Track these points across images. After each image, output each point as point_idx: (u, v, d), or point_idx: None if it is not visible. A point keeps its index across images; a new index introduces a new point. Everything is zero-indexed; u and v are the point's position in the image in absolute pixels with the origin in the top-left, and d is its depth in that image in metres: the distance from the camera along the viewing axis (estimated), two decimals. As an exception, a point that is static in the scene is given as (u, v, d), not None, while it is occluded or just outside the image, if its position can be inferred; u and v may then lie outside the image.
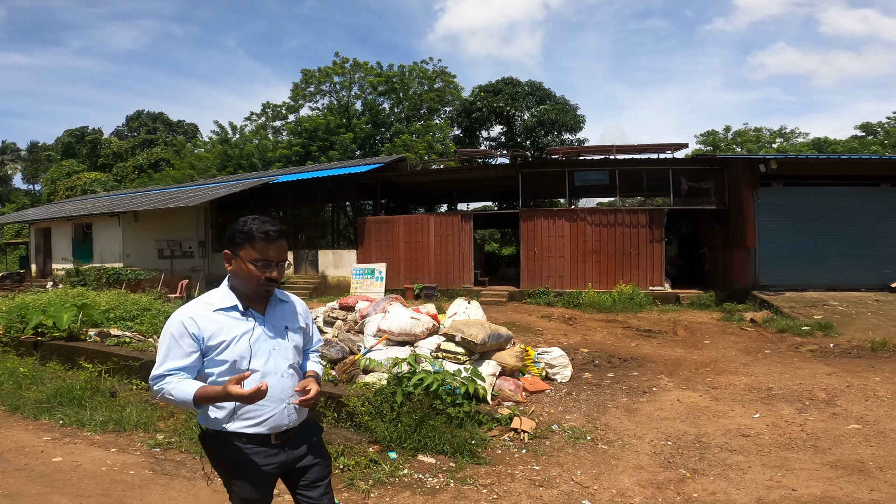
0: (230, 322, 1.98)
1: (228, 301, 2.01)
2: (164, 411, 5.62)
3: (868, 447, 4.32)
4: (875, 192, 13.17)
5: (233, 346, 1.96)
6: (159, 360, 1.94)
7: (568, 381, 7.03)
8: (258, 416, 1.98)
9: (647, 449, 4.54)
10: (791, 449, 4.36)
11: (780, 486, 3.65)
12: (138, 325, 9.47)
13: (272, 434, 2.02)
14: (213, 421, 2.00)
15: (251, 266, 1.95)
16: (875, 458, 4.07)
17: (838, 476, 3.79)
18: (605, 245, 15.39)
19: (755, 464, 4.08)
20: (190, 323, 1.93)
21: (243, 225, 1.97)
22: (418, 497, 3.83)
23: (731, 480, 3.81)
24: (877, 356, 7.92)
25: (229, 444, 1.99)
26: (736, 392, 6.16)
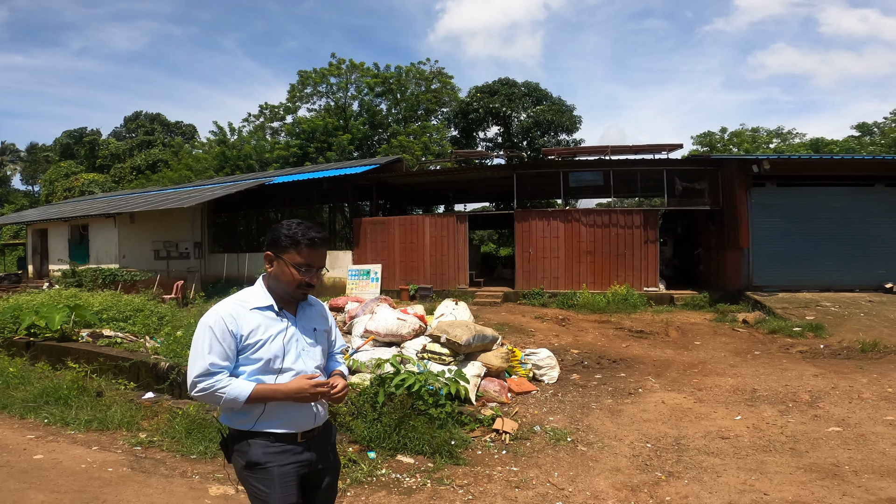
0: (266, 321, 2.01)
1: (265, 300, 2.03)
2: (147, 410, 5.66)
3: (846, 450, 4.31)
4: (869, 193, 13.14)
5: (268, 345, 1.98)
6: (200, 356, 1.92)
7: (555, 383, 7.04)
8: (285, 418, 2.00)
9: (625, 451, 4.55)
10: (768, 452, 4.36)
11: (753, 490, 3.65)
12: (131, 325, 9.52)
13: (298, 433, 2.03)
14: (241, 421, 1.99)
15: (294, 270, 1.99)
16: (851, 462, 4.06)
17: (812, 480, 3.78)
18: (600, 246, 15.37)
19: (731, 467, 4.08)
20: (230, 320, 1.95)
21: (289, 229, 2.00)
22: (394, 496, 3.85)
23: (704, 484, 3.81)
24: (866, 357, 7.91)
25: (256, 444, 1.98)
26: (721, 393, 6.16)
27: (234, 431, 2.03)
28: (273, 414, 1.98)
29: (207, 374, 1.90)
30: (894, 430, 4.70)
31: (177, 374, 6.00)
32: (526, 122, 27.49)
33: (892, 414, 5.13)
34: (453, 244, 16.92)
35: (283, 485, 1.98)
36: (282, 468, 1.98)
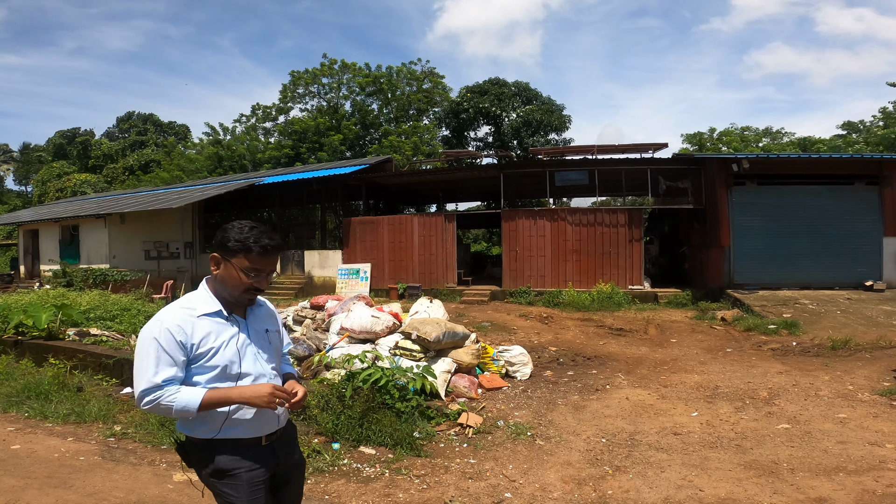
0: (216, 327, 1.94)
1: (212, 306, 1.97)
2: (125, 405, 5.84)
3: (789, 448, 4.43)
4: (849, 191, 13.31)
5: (222, 352, 1.93)
6: (146, 370, 1.83)
7: (527, 379, 7.18)
8: (251, 423, 1.96)
9: (581, 445, 4.70)
10: (715, 448, 4.48)
11: (690, 486, 3.77)
12: (118, 324, 9.68)
13: (263, 436, 2.00)
14: (203, 429, 1.94)
15: (242, 274, 1.92)
16: (791, 460, 4.18)
17: (749, 477, 3.89)
18: (586, 244, 15.52)
19: (676, 463, 4.21)
20: (177, 330, 1.86)
21: (240, 233, 1.92)
22: (352, 485, 4.02)
23: (647, 479, 3.94)
24: (836, 355, 8.05)
25: (221, 451, 1.94)
26: (684, 390, 6.31)
27: (195, 440, 1.97)
28: (237, 420, 1.94)
29: (155, 387, 1.82)
30: (842, 428, 4.82)
31: None
32: (516, 122, 27.63)
33: (844, 412, 5.27)
34: (441, 243, 17.06)
35: (252, 489, 1.95)
36: (249, 473, 1.95)
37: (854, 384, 6.25)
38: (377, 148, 26.86)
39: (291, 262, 19.10)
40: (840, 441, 4.50)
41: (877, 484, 3.66)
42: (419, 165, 23.10)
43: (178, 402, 1.82)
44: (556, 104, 28.00)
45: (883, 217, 13.08)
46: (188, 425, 1.96)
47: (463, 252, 21.10)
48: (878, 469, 3.91)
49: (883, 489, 3.58)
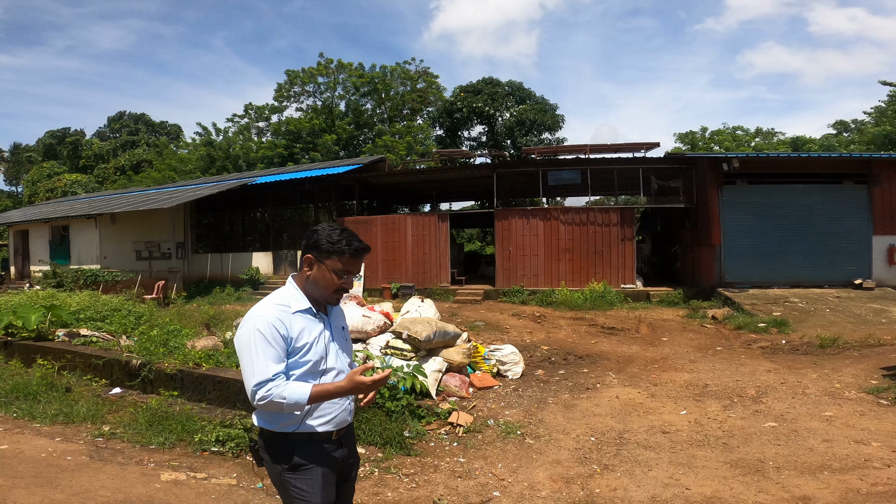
0: (308, 323, 2.02)
1: (304, 303, 2.04)
2: (114, 405, 5.82)
3: (775, 446, 4.46)
4: (838, 190, 13.41)
5: (314, 347, 2.01)
6: (256, 364, 1.89)
7: (519, 378, 7.21)
8: (328, 413, 2.03)
9: (570, 444, 4.72)
10: (702, 446, 4.51)
11: (677, 485, 3.79)
12: (108, 325, 9.65)
13: (335, 431, 2.07)
14: (285, 422, 1.99)
15: (334, 276, 2.00)
16: (777, 458, 4.20)
17: (734, 475, 3.92)
18: (578, 243, 15.55)
19: (663, 461, 4.23)
20: (279, 325, 1.94)
21: (330, 236, 2.00)
22: None
23: (634, 477, 3.97)
24: (824, 353, 8.12)
25: (300, 445, 2.00)
26: (673, 389, 6.35)
27: (272, 433, 2.02)
28: (315, 413, 2.01)
29: (267, 380, 1.88)
30: (828, 426, 4.86)
31: (148, 370, 6.17)
32: (509, 122, 27.67)
33: (831, 410, 5.32)
34: (435, 243, 17.06)
35: (326, 483, 2.02)
36: (323, 467, 2.02)
37: (841, 382, 6.31)
38: (371, 148, 26.83)
39: (285, 261, 19.04)
40: (826, 439, 4.53)
41: (861, 482, 3.69)
42: (413, 165, 23.09)
43: (290, 396, 1.87)
44: (549, 104, 28.10)
45: (872, 215, 13.19)
46: (269, 419, 2.00)
47: (457, 251, 21.12)
48: (863, 467, 3.94)
49: (868, 488, 3.60)
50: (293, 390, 1.88)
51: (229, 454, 4.57)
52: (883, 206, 13.19)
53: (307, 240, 2.07)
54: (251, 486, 3.99)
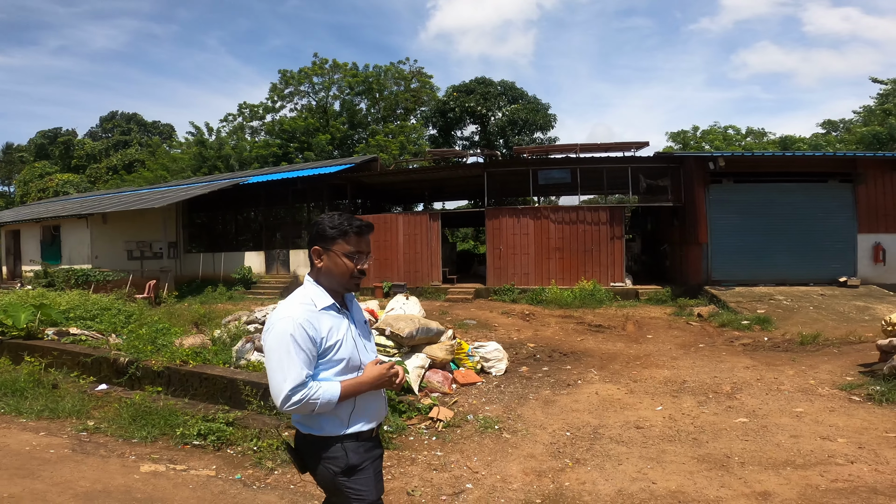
0: (335, 321, 1.98)
1: (328, 300, 1.99)
2: (99, 401, 5.91)
3: (743, 441, 4.53)
4: (823, 188, 13.56)
5: (345, 345, 1.97)
6: (288, 369, 1.84)
7: (503, 375, 7.30)
8: (370, 411, 2.03)
9: (546, 438, 4.81)
10: (673, 441, 4.58)
11: (644, 479, 3.87)
12: (98, 324, 9.77)
13: (374, 427, 2.07)
14: (332, 426, 1.96)
15: (346, 260, 1.97)
16: (743, 453, 4.27)
17: (700, 470, 4.00)
18: (568, 242, 15.67)
19: (634, 456, 4.31)
20: (309, 326, 1.89)
21: (331, 221, 1.99)
22: None
23: (604, 471, 4.04)
24: (804, 350, 8.22)
25: (350, 446, 1.96)
26: (652, 385, 6.45)
27: (319, 438, 1.97)
28: (361, 413, 1.99)
29: (301, 384, 1.84)
30: (798, 423, 4.95)
31: (136, 368, 6.30)
32: (501, 121, 27.78)
33: (802, 406, 5.41)
34: (426, 242, 17.15)
35: (378, 480, 2.04)
36: (374, 463, 2.03)
37: (816, 379, 6.41)
38: (364, 147, 26.90)
39: (277, 261, 19.10)
40: (793, 435, 4.61)
41: (822, 479, 3.76)
42: (405, 165, 23.18)
43: (322, 396, 1.85)
44: (541, 103, 28.23)
45: (857, 214, 13.36)
46: (314, 423, 1.97)
47: (449, 250, 21.21)
48: (825, 464, 4.02)
49: (827, 484, 3.67)
50: (325, 391, 1.86)
51: (210, 447, 4.67)
52: (868, 204, 13.35)
53: (310, 233, 2.05)
54: (229, 478, 4.08)
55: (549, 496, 3.69)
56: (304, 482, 4.05)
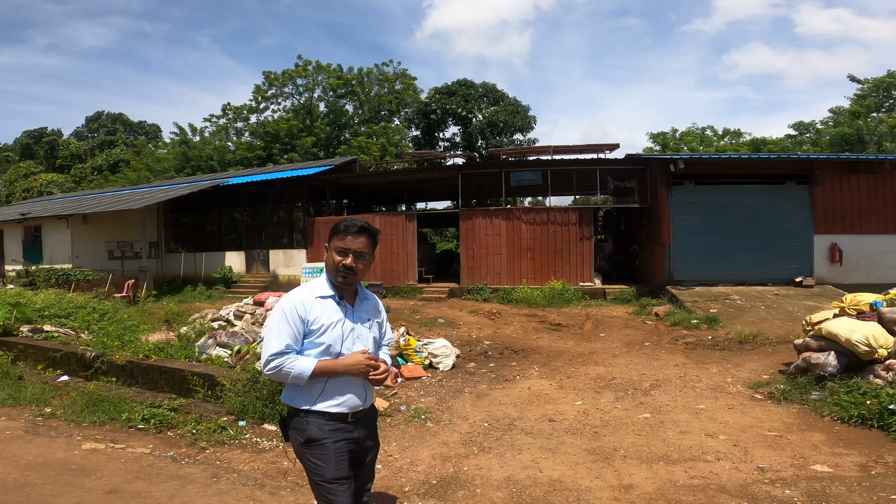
0: (329, 309, 2.26)
1: (328, 290, 2.29)
2: (58, 391, 6.36)
3: (636, 436, 4.78)
4: (781, 190, 13.96)
5: (330, 331, 2.23)
6: (274, 338, 2.18)
7: (449, 370, 7.66)
8: (341, 396, 2.25)
9: (464, 428, 5.17)
10: (575, 434, 4.87)
11: (534, 467, 4.16)
12: (72, 322, 10.15)
13: (350, 413, 2.28)
14: (301, 400, 2.24)
15: (334, 254, 2.27)
16: (630, 448, 4.51)
17: (585, 462, 4.26)
18: (539, 243, 16.03)
19: (535, 446, 4.61)
20: (300, 306, 2.20)
21: (341, 222, 2.31)
22: (247, 454, 4.57)
23: (503, 459, 4.36)
24: (741, 348, 8.53)
25: (314, 422, 2.22)
26: (582, 381, 6.79)
27: (292, 409, 2.28)
28: (330, 394, 2.23)
29: (280, 353, 2.15)
30: (694, 419, 5.21)
31: (101, 362, 6.77)
32: (481, 123, 28.17)
33: (706, 403, 5.70)
34: (402, 242, 17.49)
35: (337, 459, 2.23)
36: (335, 444, 2.23)
37: (734, 377, 6.73)
38: (345, 149, 27.22)
39: (257, 261, 19.43)
40: (683, 431, 4.86)
41: (684, 474, 3.96)
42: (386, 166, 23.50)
43: (295, 368, 2.15)
44: (521, 105, 28.62)
45: (814, 215, 13.76)
46: (290, 395, 2.28)
47: (428, 250, 21.57)
48: (694, 460, 4.22)
49: (686, 480, 3.87)
50: (298, 364, 2.15)
51: (153, 430, 5.13)
52: (824, 205, 13.76)
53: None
54: (162, 455, 4.51)
55: (446, 478, 4.06)
56: (230, 459, 4.46)
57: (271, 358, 2.16)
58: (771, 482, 3.73)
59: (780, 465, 4.03)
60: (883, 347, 5.31)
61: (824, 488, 3.62)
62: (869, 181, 13.76)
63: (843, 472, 3.90)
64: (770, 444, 4.47)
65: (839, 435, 4.59)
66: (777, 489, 3.63)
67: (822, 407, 5.16)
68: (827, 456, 4.18)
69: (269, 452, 4.59)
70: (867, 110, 21.99)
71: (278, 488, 3.92)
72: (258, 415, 5.23)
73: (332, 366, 2.21)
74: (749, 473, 3.92)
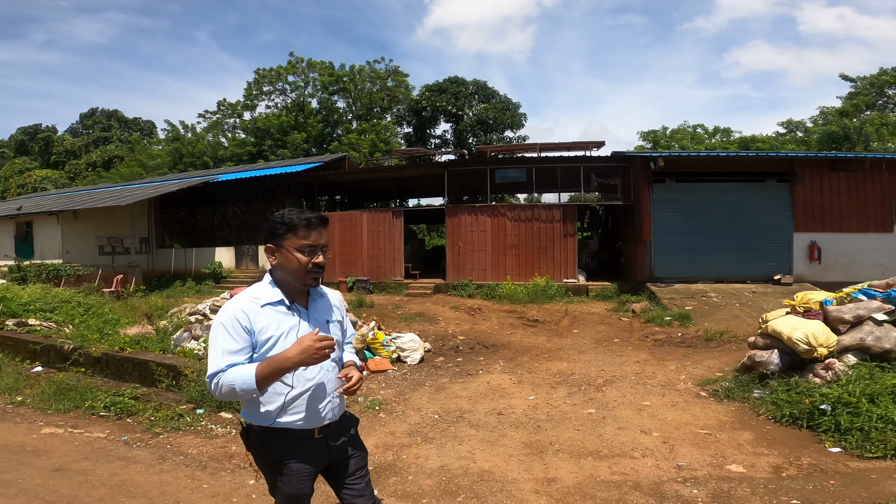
0: (278, 317, 1.98)
1: (275, 295, 2.00)
2: (32, 381, 6.62)
3: (575, 431, 4.85)
4: (761, 188, 14.06)
5: (282, 342, 1.95)
6: (215, 355, 1.91)
7: (417, 364, 7.83)
8: (302, 410, 2.00)
9: (414, 419, 5.32)
10: (518, 428, 4.96)
11: (469, 458, 4.27)
12: (56, 316, 10.42)
13: (315, 429, 2.05)
14: (262, 416, 1.99)
15: (298, 254, 1.96)
16: (565, 442, 4.59)
17: (519, 455, 4.33)
18: (524, 239, 16.18)
19: (476, 438, 4.72)
20: (242, 317, 1.93)
21: (282, 217, 1.99)
22: (199, 440, 4.78)
23: (443, 449, 4.48)
24: (707, 346, 8.60)
25: (275, 440, 2.00)
26: (542, 376, 6.91)
27: (253, 427, 2.04)
28: (292, 408, 1.99)
29: (220, 370, 1.88)
30: (636, 415, 5.27)
31: (78, 354, 7.08)
32: (471, 121, 28.30)
33: (651, 399, 5.76)
34: (389, 238, 17.65)
35: (299, 479, 2.04)
36: (298, 465, 2.03)
37: (689, 373, 6.80)
38: (336, 146, 27.39)
39: (247, 256, 19.62)
40: (621, 427, 4.91)
41: (607, 470, 4.02)
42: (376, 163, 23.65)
43: (236, 380, 1.85)
44: (511, 102, 28.75)
45: (794, 213, 13.87)
46: (250, 411, 2.04)
47: (416, 246, 21.72)
48: (622, 456, 4.28)
49: (607, 475, 3.94)
50: (237, 373, 1.86)
51: (113, 417, 5.37)
52: (804, 203, 13.87)
53: (263, 233, 2.07)
54: (116, 439, 4.75)
55: (383, 465, 4.22)
56: (181, 444, 4.68)
57: (210, 377, 1.91)
58: (684, 481, 3.79)
59: (699, 464, 4.07)
60: (823, 346, 5.39)
61: (730, 490, 3.64)
62: (849, 179, 13.86)
63: (755, 473, 3.92)
64: (698, 442, 4.52)
65: (767, 434, 4.63)
66: (686, 488, 3.68)
67: (759, 405, 5.21)
68: (747, 456, 4.21)
69: (221, 438, 4.80)
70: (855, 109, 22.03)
71: (219, 469, 4.11)
72: (216, 403, 5.44)
73: (279, 362, 1.88)
74: (667, 471, 3.97)
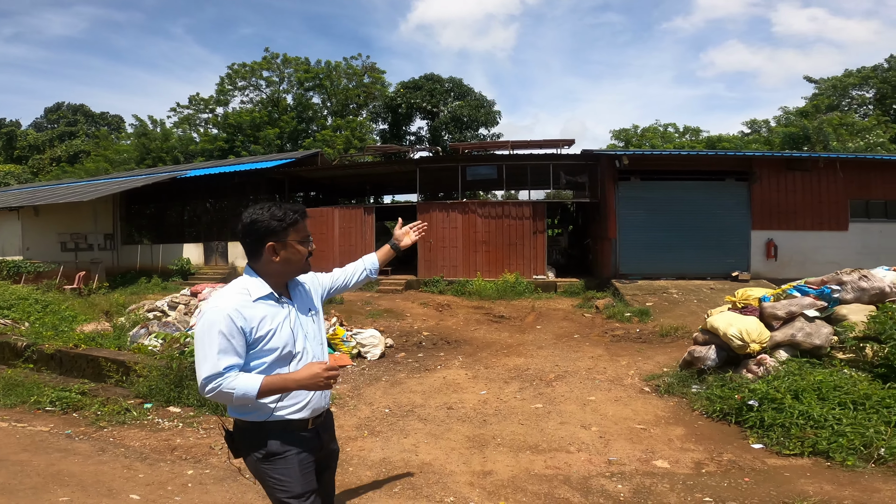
0: (271, 310, 1.97)
1: (264, 289, 1.99)
2: None
3: (519, 425, 4.90)
4: (721, 187, 14.45)
5: (278, 334, 1.95)
6: (209, 357, 1.84)
7: (377, 359, 7.89)
8: (301, 400, 1.99)
9: (365, 413, 5.39)
10: (464, 422, 5.03)
11: (412, 451, 4.33)
12: (13, 313, 10.23)
13: (310, 419, 2.04)
14: (256, 413, 1.95)
15: (300, 247, 2.01)
16: (508, 436, 4.64)
17: (461, 448, 4.37)
18: (494, 236, 16.34)
19: (422, 432, 4.79)
20: (237, 316, 1.88)
21: (272, 216, 1.98)
22: (143, 433, 4.81)
23: (388, 442, 4.55)
24: (662, 341, 8.80)
25: (272, 434, 1.96)
26: (499, 372, 7.00)
27: (245, 424, 1.98)
28: (287, 400, 1.96)
29: (218, 374, 1.83)
30: (579, 410, 5.35)
31: (31, 351, 7.07)
32: (445, 118, 28.39)
33: (597, 395, 5.87)
34: (361, 235, 17.64)
35: (304, 471, 1.99)
36: (300, 455, 1.99)
37: (638, 369, 6.94)
38: (310, 142, 27.21)
39: (216, 252, 19.41)
40: (563, 422, 4.98)
41: (542, 464, 4.07)
42: (350, 160, 23.58)
43: (237, 389, 1.82)
44: (486, 100, 28.91)
45: (751, 211, 14.28)
46: (240, 409, 1.96)
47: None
48: (558, 450, 4.33)
49: (541, 469, 3.98)
50: (241, 383, 1.83)
51: (58, 412, 5.38)
52: (762, 202, 14.28)
53: (256, 233, 1.99)
54: (58, 433, 4.77)
55: (326, 459, 4.28)
56: (124, 437, 4.69)
57: (206, 381, 1.84)
58: (611, 476, 3.86)
59: (629, 459, 4.14)
60: (756, 342, 5.56)
61: (651, 485, 3.69)
62: (805, 179, 14.31)
63: (678, 468, 3.98)
64: (632, 436, 4.62)
65: (698, 430, 4.73)
66: (612, 483, 3.73)
67: (695, 401, 5.34)
68: (675, 451, 4.28)
69: (167, 431, 4.82)
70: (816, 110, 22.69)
71: (159, 461, 4.14)
72: (164, 398, 5.46)
73: (283, 383, 1.89)
74: (597, 466, 4.04)
